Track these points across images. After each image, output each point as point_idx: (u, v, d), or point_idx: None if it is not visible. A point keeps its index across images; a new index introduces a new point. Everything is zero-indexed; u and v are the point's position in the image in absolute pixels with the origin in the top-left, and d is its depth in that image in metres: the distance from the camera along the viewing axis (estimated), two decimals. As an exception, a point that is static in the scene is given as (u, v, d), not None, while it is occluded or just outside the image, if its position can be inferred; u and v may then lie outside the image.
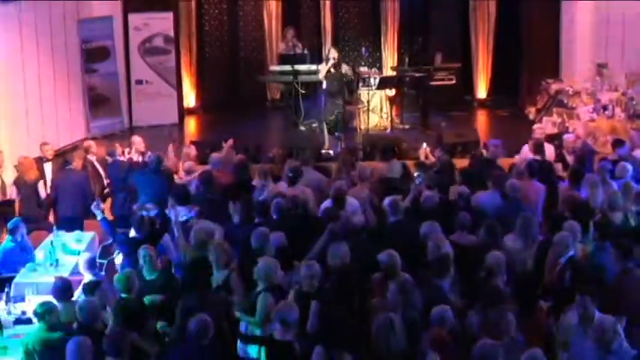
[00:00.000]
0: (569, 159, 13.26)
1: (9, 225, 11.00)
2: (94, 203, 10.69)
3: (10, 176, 13.29)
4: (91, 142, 14.56)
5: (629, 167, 11.92)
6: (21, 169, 13.15)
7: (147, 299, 8.79)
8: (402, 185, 11.88)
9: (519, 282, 8.89)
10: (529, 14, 20.39)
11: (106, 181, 13.79)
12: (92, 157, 13.91)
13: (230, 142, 14.13)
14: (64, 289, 8.78)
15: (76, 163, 13.30)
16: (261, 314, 8.23)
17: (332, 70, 17.38)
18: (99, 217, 10.50)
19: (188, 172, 13.26)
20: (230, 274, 8.95)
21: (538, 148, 13.41)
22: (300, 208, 10.77)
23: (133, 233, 10.52)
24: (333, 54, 17.47)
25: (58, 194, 13.04)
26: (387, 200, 10.50)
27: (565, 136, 14.43)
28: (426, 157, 13.78)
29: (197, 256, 9.45)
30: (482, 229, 9.68)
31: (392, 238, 9.49)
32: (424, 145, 14.27)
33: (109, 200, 13.47)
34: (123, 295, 8.66)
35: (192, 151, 14.40)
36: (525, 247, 9.45)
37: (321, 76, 17.50)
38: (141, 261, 9.21)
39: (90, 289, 8.85)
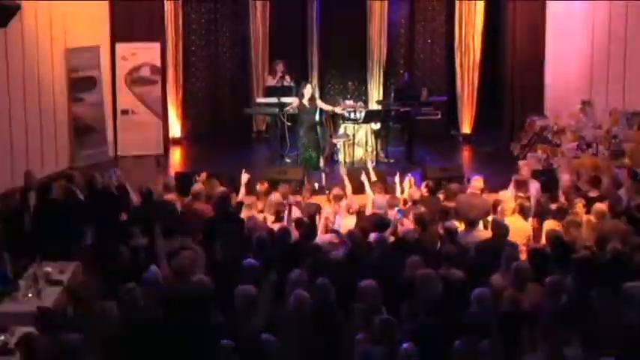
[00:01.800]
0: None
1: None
2: None
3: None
4: (73, 172, 14.52)
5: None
6: (4, 199, 13.12)
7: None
8: (386, 220, 11.90)
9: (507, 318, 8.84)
10: (514, 51, 20.52)
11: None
12: (74, 187, 13.86)
13: (203, 175, 14.10)
14: (45, 320, 8.74)
15: (59, 193, 13.26)
16: None
17: (306, 104, 17.40)
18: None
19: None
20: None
21: (520, 186, 13.50)
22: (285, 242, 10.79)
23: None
24: (307, 91, 17.51)
25: (42, 224, 13.00)
26: (373, 235, 10.54)
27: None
28: (410, 189, 13.78)
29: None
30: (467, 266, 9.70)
31: (376, 271, 9.47)
32: (409, 175, 14.29)
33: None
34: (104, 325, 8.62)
35: (171, 181, 14.39)
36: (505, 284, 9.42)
37: (290, 108, 17.64)
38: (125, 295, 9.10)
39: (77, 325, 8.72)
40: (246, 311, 8.48)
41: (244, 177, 13.36)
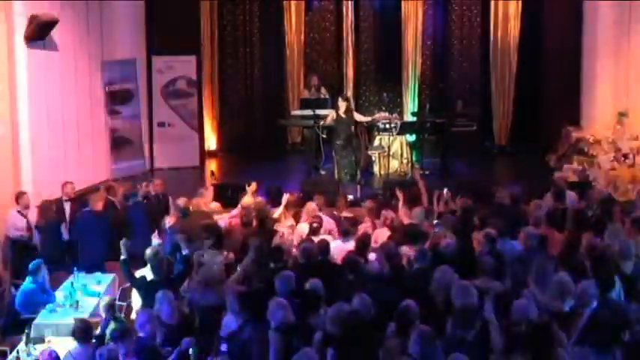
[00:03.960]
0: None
1: (30, 266, 11.07)
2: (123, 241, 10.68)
3: (33, 218, 13.34)
4: (113, 183, 14.64)
5: None
6: (42, 211, 13.22)
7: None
8: (424, 231, 11.84)
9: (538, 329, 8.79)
10: (550, 61, 20.45)
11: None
12: (113, 198, 13.96)
13: (253, 185, 14.17)
14: (83, 330, 8.81)
15: (97, 205, 13.37)
16: (273, 354, 8.23)
17: (342, 116, 17.42)
18: (122, 257, 10.50)
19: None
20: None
21: (559, 196, 13.42)
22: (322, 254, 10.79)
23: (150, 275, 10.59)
24: (342, 105, 17.52)
25: (78, 236, 13.11)
26: (407, 247, 10.53)
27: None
28: (447, 203, 13.76)
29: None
30: (507, 276, 9.66)
31: (414, 285, 9.45)
32: (445, 190, 14.25)
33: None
34: (141, 335, 8.69)
35: (209, 192, 14.46)
36: (540, 294, 9.37)
37: (329, 120, 17.67)
38: (158, 305, 9.16)
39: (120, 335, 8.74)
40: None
41: (285, 198, 13.48)
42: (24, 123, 15.32)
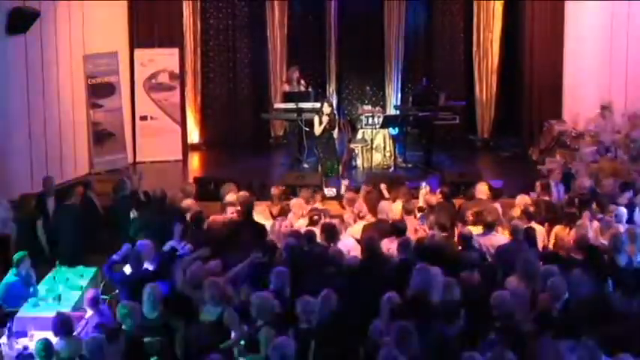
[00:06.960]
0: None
1: (14, 259, 11.01)
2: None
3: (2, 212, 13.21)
4: (90, 178, 14.57)
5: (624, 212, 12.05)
6: (19, 205, 13.15)
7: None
8: (400, 225, 11.83)
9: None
10: (532, 55, 20.44)
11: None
12: (91, 193, 13.90)
13: (234, 193, 14.08)
14: (64, 324, 8.78)
15: (76, 199, 13.32)
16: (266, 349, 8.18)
17: (326, 125, 17.46)
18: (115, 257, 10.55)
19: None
20: (224, 309, 8.95)
21: (545, 189, 13.49)
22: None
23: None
24: (326, 109, 17.53)
25: (58, 229, 13.05)
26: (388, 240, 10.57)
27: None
28: (425, 195, 13.79)
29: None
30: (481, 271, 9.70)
31: (397, 277, 9.47)
32: (423, 184, 14.29)
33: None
34: (124, 328, 8.68)
35: (192, 187, 14.39)
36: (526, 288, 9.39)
37: (317, 132, 17.62)
38: (145, 298, 9.12)
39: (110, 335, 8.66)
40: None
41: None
42: (4, 116, 15.25)
